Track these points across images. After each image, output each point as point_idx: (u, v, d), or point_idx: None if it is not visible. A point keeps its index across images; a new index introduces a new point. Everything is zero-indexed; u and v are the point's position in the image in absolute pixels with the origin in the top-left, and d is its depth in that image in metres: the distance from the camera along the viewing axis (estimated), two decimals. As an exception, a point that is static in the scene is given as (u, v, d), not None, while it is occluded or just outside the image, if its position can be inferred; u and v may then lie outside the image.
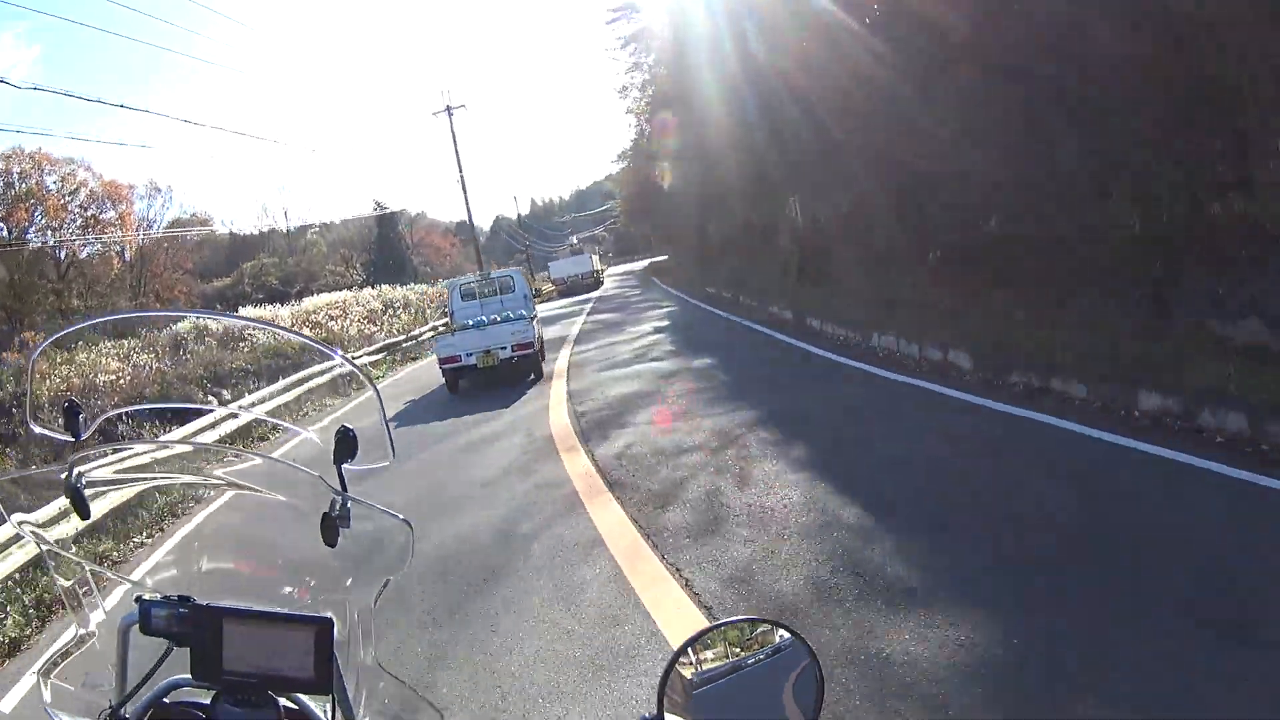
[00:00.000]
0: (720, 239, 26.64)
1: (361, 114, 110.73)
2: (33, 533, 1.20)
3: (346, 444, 1.21)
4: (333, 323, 24.48)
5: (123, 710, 1.09)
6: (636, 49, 38.88)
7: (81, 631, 1.21)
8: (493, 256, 57.01)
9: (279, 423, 10.36)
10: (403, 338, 22.47)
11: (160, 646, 1.11)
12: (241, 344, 19.33)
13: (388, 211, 53.01)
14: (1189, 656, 2.63)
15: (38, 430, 1.20)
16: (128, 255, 37.33)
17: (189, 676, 1.11)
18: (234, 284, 43.94)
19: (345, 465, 1.20)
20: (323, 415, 12.96)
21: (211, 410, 9.98)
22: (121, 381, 15.09)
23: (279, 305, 29.44)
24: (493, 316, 12.76)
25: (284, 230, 54.16)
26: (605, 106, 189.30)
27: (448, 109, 33.63)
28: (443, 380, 12.00)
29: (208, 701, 1.11)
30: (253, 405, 10.29)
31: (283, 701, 1.11)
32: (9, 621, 5.41)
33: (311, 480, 1.14)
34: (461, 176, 33.83)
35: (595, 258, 47.59)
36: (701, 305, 20.65)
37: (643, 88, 41.15)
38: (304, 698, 1.13)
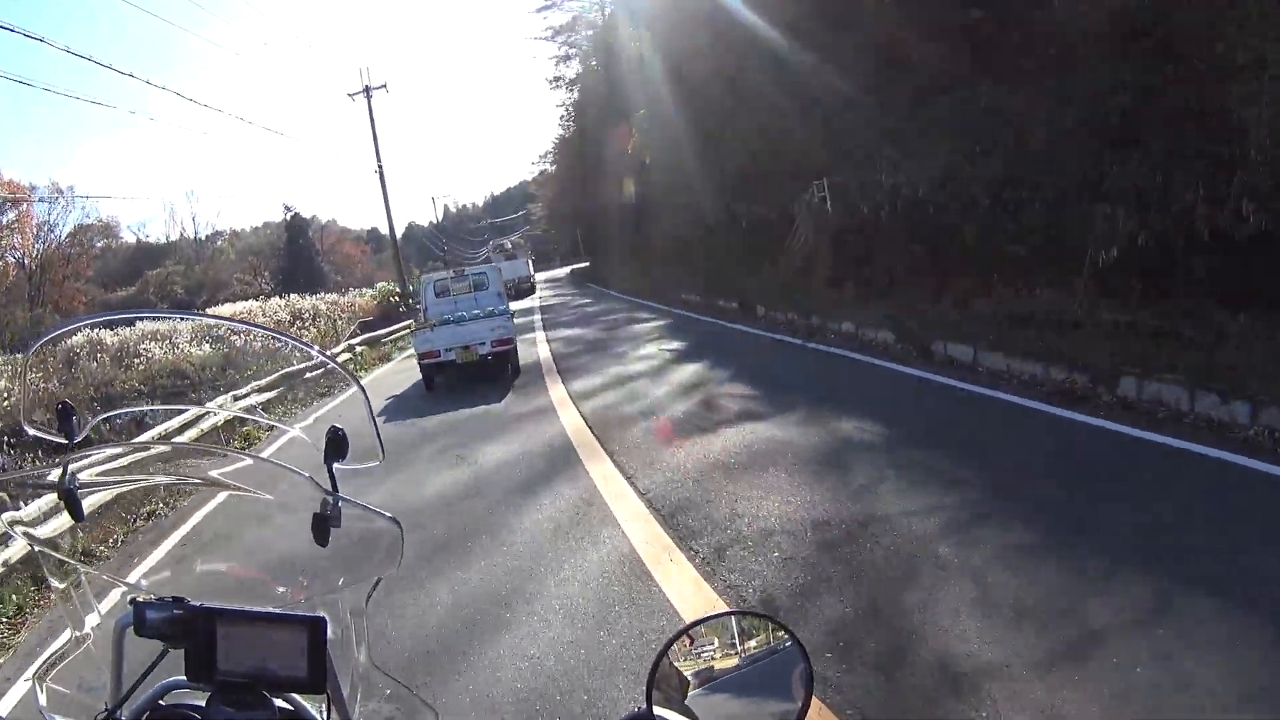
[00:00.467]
0: (677, 240, 24.50)
1: (273, 108, 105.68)
2: (24, 534, 1.18)
3: (337, 444, 1.22)
4: (235, 337, 23.06)
5: (119, 713, 1.09)
6: (569, 38, 37.84)
7: (76, 634, 1.20)
8: (409, 263, 55.81)
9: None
10: (314, 360, 15.82)
11: (155, 648, 1.12)
12: (136, 360, 18.14)
13: (298, 214, 51.14)
14: None
15: (32, 432, 1.18)
16: (27, 262, 34.58)
17: (184, 678, 1.12)
18: (139, 293, 41.93)
19: (336, 465, 1.22)
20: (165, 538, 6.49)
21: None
22: (4, 404, 13.93)
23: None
24: (474, 312, 12.68)
25: (192, 237, 51.59)
26: (521, 111, 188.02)
27: (366, 90, 30.49)
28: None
29: (203, 703, 1.11)
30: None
31: (278, 702, 1.12)
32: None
33: (302, 480, 1.15)
34: (380, 167, 30.83)
35: (529, 263, 46.34)
36: (697, 317, 16.62)
37: (571, 83, 40.54)
38: (299, 697, 1.15)
